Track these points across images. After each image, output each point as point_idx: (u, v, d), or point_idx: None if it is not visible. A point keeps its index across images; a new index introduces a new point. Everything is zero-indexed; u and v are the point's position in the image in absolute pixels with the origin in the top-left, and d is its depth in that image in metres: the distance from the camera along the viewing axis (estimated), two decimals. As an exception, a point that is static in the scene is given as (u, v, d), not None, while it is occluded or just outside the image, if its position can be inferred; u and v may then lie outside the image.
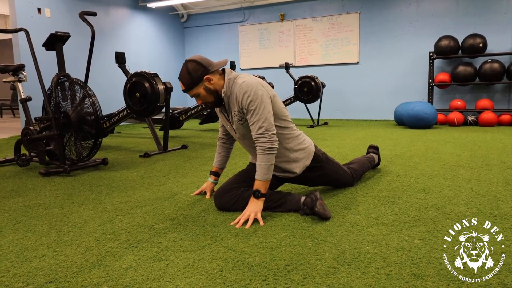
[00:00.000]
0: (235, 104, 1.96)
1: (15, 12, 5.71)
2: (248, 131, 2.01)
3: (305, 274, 1.33)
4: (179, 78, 1.98)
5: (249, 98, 1.89)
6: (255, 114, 1.89)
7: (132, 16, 7.70)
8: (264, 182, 1.91)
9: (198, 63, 1.95)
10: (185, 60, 2.04)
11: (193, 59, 1.97)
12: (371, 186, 2.49)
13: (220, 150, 2.31)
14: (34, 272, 1.40)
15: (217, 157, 2.32)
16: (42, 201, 2.33)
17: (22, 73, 3.46)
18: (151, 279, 1.32)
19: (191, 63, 1.95)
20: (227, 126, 2.14)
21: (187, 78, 1.94)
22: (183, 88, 1.98)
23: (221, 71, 2.01)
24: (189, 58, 1.99)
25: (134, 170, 3.18)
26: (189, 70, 1.94)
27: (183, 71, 1.95)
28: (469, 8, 6.44)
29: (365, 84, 7.37)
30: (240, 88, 1.92)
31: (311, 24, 7.66)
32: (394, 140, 4.58)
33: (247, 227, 1.78)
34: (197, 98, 2.00)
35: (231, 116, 2.03)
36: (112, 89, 6.91)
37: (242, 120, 1.98)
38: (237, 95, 1.93)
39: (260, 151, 1.90)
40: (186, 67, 1.94)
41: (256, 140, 1.91)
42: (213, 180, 2.33)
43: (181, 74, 1.96)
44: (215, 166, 2.32)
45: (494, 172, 2.78)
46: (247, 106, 1.90)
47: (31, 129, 3.28)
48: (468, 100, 6.53)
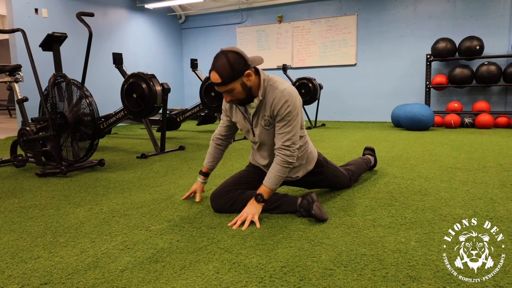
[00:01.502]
0: (268, 108, 1.87)
1: (12, 12, 5.70)
2: (269, 138, 1.96)
3: (302, 276, 1.33)
4: (214, 69, 1.76)
5: (288, 108, 1.83)
6: (288, 126, 1.86)
7: (129, 17, 7.69)
8: (270, 191, 1.89)
9: (240, 55, 1.77)
10: (221, 50, 1.79)
11: (233, 50, 1.78)
12: (368, 188, 2.49)
13: (213, 151, 2.20)
14: (29, 273, 1.39)
15: (209, 158, 2.21)
16: (38, 202, 2.32)
17: (18, 74, 3.45)
18: (147, 280, 1.32)
19: (232, 54, 1.76)
20: (243, 127, 2.03)
21: (228, 71, 1.74)
22: (218, 81, 1.76)
23: (254, 69, 1.87)
24: (227, 49, 1.78)
25: (130, 171, 3.17)
26: (231, 61, 1.74)
27: (223, 62, 1.74)
28: (466, 10, 6.47)
29: (362, 86, 7.39)
30: (281, 95, 1.83)
31: (309, 25, 7.67)
32: (391, 142, 4.59)
33: (244, 228, 1.78)
34: (229, 94, 1.83)
35: (257, 119, 1.93)
36: (109, 90, 6.89)
37: (269, 126, 1.92)
38: (276, 101, 1.84)
39: (280, 162, 1.87)
40: (227, 57, 1.74)
41: (279, 150, 1.88)
42: (202, 180, 2.25)
43: (219, 65, 1.74)
44: (206, 166, 2.23)
45: (490, 174, 2.79)
46: (284, 115, 1.84)
47: (27, 129, 3.27)
48: (465, 102, 6.55)
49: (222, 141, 2.19)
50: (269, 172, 1.90)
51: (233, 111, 2.05)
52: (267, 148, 2.02)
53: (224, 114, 2.12)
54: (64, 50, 3.57)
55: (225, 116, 2.12)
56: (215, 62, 1.76)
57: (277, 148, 1.90)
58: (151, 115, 3.78)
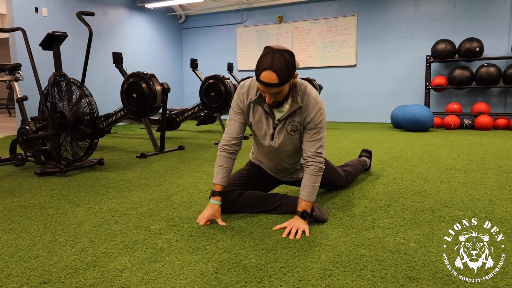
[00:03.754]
0: (300, 114, 1.82)
1: (12, 11, 5.69)
2: (291, 144, 1.90)
3: (301, 277, 1.33)
4: (271, 69, 1.63)
5: (321, 116, 1.82)
6: (320, 133, 1.83)
7: (129, 16, 7.69)
8: (311, 204, 1.83)
9: (293, 55, 1.69)
10: (272, 49, 1.66)
11: (288, 50, 1.67)
12: (367, 188, 2.49)
13: (226, 163, 1.90)
14: (28, 272, 1.39)
15: (223, 172, 1.90)
16: (37, 201, 2.32)
17: (18, 73, 3.45)
18: (146, 280, 1.32)
19: (287, 53, 1.66)
20: (260, 129, 1.92)
21: (285, 71, 1.64)
22: (275, 82, 1.64)
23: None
24: (279, 47, 1.67)
25: (130, 171, 3.17)
26: (288, 61, 1.65)
27: (281, 61, 1.63)
28: (466, 12, 6.47)
29: (362, 87, 7.39)
30: (316, 103, 1.81)
31: (309, 26, 7.67)
32: (391, 143, 4.59)
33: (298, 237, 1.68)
34: (276, 95, 1.73)
35: (284, 124, 1.86)
36: (109, 90, 6.89)
37: (295, 132, 1.86)
38: (311, 108, 1.80)
39: (315, 171, 1.83)
40: (284, 57, 1.64)
41: (313, 158, 1.83)
42: (218, 202, 1.89)
43: (277, 65, 1.63)
44: (220, 183, 1.89)
45: (489, 176, 2.80)
46: (317, 123, 1.81)
47: (27, 128, 3.27)
48: (465, 103, 6.56)
49: (235, 147, 1.92)
50: (305, 185, 1.83)
51: (250, 110, 1.90)
52: (281, 153, 1.96)
53: (236, 112, 1.91)
54: (64, 49, 3.57)
55: (239, 115, 1.91)
56: (271, 61, 1.63)
57: (309, 156, 1.83)
58: (151, 115, 3.79)
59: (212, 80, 4.80)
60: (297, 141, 1.91)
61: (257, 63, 1.68)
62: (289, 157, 1.99)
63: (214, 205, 1.88)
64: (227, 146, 1.91)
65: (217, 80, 4.77)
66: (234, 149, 1.92)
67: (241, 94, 1.88)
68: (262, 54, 1.68)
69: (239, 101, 1.89)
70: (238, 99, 1.90)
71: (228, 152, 1.91)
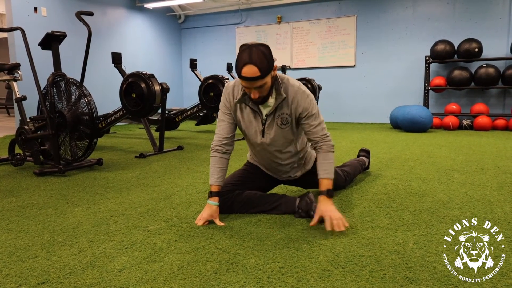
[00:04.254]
0: (287, 106, 1.85)
1: (11, 11, 5.69)
2: (283, 137, 1.93)
3: (300, 277, 1.33)
4: (251, 62, 1.65)
5: (312, 101, 1.87)
6: (317, 118, 1.88)
7: (129, 16, 7.68)
8: (332, 181, 1.87)
9: (269, 48, 1.71)
10: (247, 45, 1.69)
11: (263, 43, 1.70)
12: (366, 189, 2.49)
13: (219, 163, 1.91)
14: (26, 272, 1.39)
15: (217, 172, 1.90)
16: (36, 201, 2.31)
17: (17, 72, 3.45)
18: (144, 280, 1.32)
19: (263, 47, 1.69)
20: (250, 127, 1.93)
21: (265, 63, 1.67)
22: (257, 74, 1.66)
23: None
24: (255, 42, 1.70)
25: (129, 171, 3.17)
26: (265, 53, 1.67)
27: (259, 54, 1.66)
28: (465, 13, 6.48)
29: (361, 87, 7.40)
30: (301, 91, 1.85)
31: (308, 26, 7.68)
32: (390, 143, 4.59)
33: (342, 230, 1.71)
34: (259, 89, 1.74)
35: (272, 118, 1.88)
36: (108, 89, 6.89)
37: (286, 125, 1.89)
38: (298, 97, 1.84)
39: (328, 148, 1.89)
40: (260, 50, 1.67)
41: (323, 140, 1.89)
42: (216, 202, 1.89)
43: (256, 58, 1.65)
44: (216, 184, 1.90)
45: (488, 177, 2.80)
46: (311, 109, 1.86)
47: (26, 128, 3.26)
48: (464, 104, 6.57)
49: (227, 146, 1.93)
50: (321, 164, 1.87)
51: (238, 109, 1.91)
52: (274, 149, 1.97)
53: (224, 113, 1.93)
54: (63, 49, 3.57)
55: (226, 115, 1.93)
56: (249, 55, 1.66)
57: (317, 141, 1.89)
58: (150, 115, 3.78)
59: (211, 80, 4.80)
60: (288, 134, 1.93)
61: (236, 61, 1.71)
62: (282, 152, 2.00)
63: (212, 206, 1.88)
64: (219, 146, 1.93)
65: (216, 80, 4.78)
66: (226, 149, 1.93)
67: (227, 94, 1.91)
68: (239, 52, 1.71)
69: (226, 101, 1.92)
70: (224, 100, 1.93)
71: (220, 152, 1.92)
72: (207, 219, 1.87)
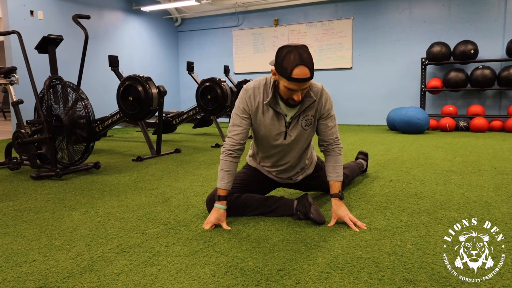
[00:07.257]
0: (313, 108, 1.86)
1: (7, 14, 5.67)
2: (303, 139, 1.94)
3: (298, 279, 1.33)
4: (303, 64, 1.63)
5: (332, 103, 1.92)
6: (333, 120, 1.94)
7: (125, 19, 7.68)
8: (341, 183, 1.95)
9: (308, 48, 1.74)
10: (291, 47, 1.66)
11: (303, 44, 1.70)
12: (364, 191, 2.50)
13: (230, 167, 1.87)
14: (24, 277, 1.38)
15: (228, 176, 1.87)
16: (33, 205, 2.30)
17: (14, 76, 3.44)
18: (142, 284, 1.31)
19: (306, 47, 1.68)
20: (271, 130, 1.88)
21: (312, 63, 1.68)
22: (309, 75, 1.66)
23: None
24: (296, 44, 1.68)
25: (126, 174, 3.16)
26: (310, 54, 1.68)
27: (308, 55, 1.66)
28: (461, 15, 6.52)
29: (358, 89, 7.41)
30: (326, 93, 1.89)
31: (305, 29, 7.70)
32: (387, 145, 4.60)
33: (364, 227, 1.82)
34: (303, 91, 1.74)
35: (297, 120, 1.87)
36: (105, 93, 6.87)
37: (309, 127, 1.90)
38: (323, 99, 1.87)
39: (340, 152, 1.96)
40: (307, 51, 1.67)
41: (335, 143, 1.95)
42: (224, 206, 1.87)
43: (307, 59, 1.64)
44: (225, 188, 1.87)
45: (485, 178, 2.81)
46: (330, 111, 1.91)
47: (22, 132, 3.25)
48: (460, 105, 6.59)
49: (239, 151, 1.89)
50: (334, 167, 1.93)
51: (260, 112, 1.85)
52: (291, 150, 1.96)
53: (242, 117, 1.86)
54: (59, 52, 3.56)
55: (244, 120, 1.86)
56: (299, 56, 1.63)
57: (330, 143, 1.95)
58: (147, 118, 3.78)
59: (209, 83, 4.80)
60: (309, 135, 1.97)
61: (283, 63, 1.65)
62: (297, 153, 2.01)
63: (220, 210, 1.86)
64: (232, 151, 1.87)
65: (213, 83, 4.78)
66: (238, 154, 1.90)
67: (248, 97, 1.85)
68: (284, 53, 1.67)
69: (246, 106, 1.85)
70: (244, 104, 1.85)
71: (232, 157, 1.88)
72: (214, 223, 1.84)
